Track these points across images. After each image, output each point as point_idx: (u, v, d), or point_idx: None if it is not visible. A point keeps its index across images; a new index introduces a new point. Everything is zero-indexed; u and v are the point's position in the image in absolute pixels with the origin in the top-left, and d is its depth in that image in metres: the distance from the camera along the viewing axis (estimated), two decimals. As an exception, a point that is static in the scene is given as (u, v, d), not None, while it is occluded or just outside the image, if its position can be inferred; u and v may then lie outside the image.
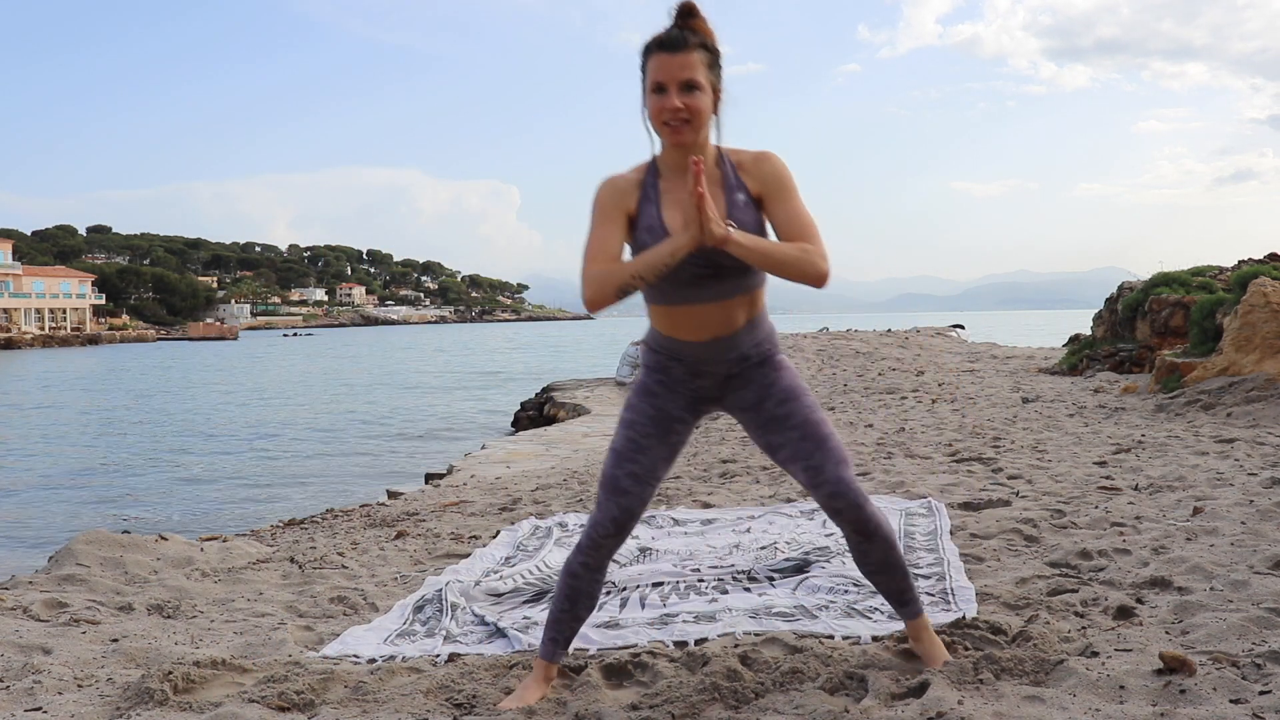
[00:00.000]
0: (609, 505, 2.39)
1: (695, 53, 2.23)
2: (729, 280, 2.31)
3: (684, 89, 2.22)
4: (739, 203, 2.30)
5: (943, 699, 2.30)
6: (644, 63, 2.28)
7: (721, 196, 2.29)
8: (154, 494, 11.38)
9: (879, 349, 17.99)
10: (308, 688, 2.56)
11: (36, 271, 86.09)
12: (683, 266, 2.23)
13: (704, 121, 2.27)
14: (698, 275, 2.28)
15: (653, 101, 2.25)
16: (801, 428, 2.38)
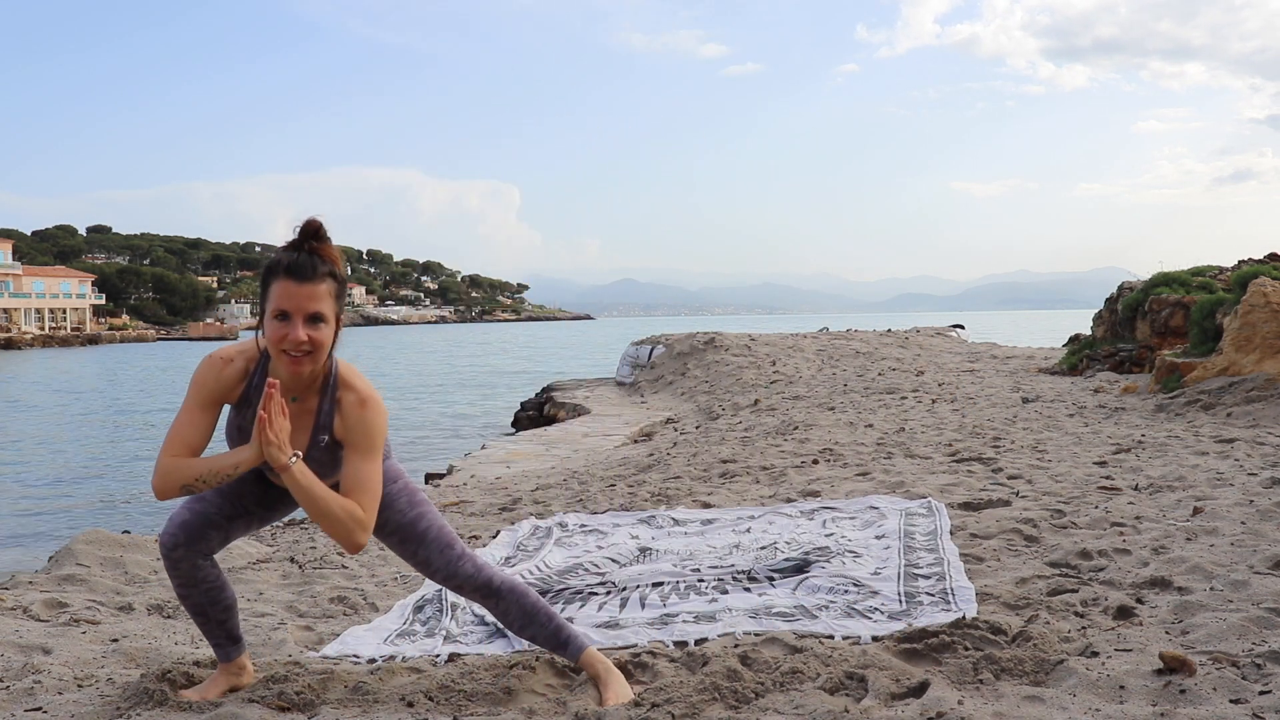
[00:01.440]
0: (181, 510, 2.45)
1: (324, 283, 2.22)
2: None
3: (309, 320, 2.20)
4: (320, 442, 2.33)
5: (943, 699, 2.30)
6: (266, 283, 2.24)
7: (307, 432, 2.33)
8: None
9: (879, 349, 17.98)
10: (308, 688, 2.56)
11: (36, 271, 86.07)
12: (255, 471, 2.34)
13: (324, 354, 2.26)
14: (270, 481, 2.43)
15: (274, 329, 2.21)
16: (399, 532, 2.50)
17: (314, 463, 2.32)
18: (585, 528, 4.81)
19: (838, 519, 4.63)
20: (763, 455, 7.12)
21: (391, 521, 2.48)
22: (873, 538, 4.16)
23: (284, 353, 2.21)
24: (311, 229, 2.24)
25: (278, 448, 2.18)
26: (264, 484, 2.48)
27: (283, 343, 2.20)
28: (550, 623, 2.57)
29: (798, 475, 6.14)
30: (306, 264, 2.20)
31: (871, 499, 5.00)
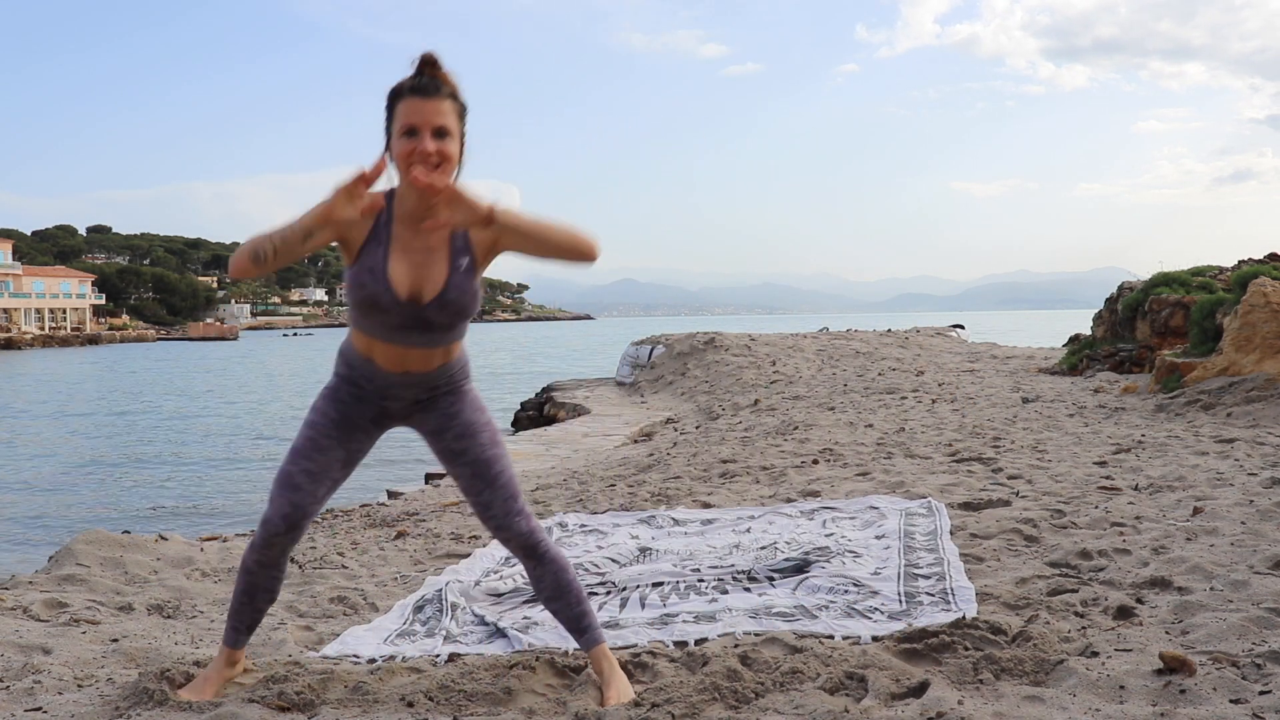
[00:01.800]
0: (281, 502, 2.41)
1: (446, 100, 2.25)
2: (435, 334, 2.35)
3: (436, 134, 2.22)
4: (460, 267, 2.31)
5: (943, 699, 2.30)
6: (391, 107, 2.27)
7: (445, 258, 2.30)
8: (154, 494, 11.38)
9: (879, 349, 17.98)
10: (308, 688, 2.56)
11: (36, 271, 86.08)
12: (393, 315, 2.28)
13: (453, 168, 2.27)
14: (406, 326, 2.32)
15: (403, 145, 2.22)
16: (474, 466, 2.47)
17: (456, 290, 2.29)
18: (585, 528, 4.81)
19: (838, 519, 4.63)
20: (763, 455, 7.12)
21: (470, 452, 2.47)
22: (873, 538, 4.16)
23: (414, 168, 2.21)
24: (429, 59, 2.28)
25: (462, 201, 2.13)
26: (349, 449, 2.46)
27: (411, 157, 2.20)
28: (578, 605, 2.54)
29: (798, 475, 6.14)
30: (429, 83, 2.24)
31: (871, 499, 5.00)
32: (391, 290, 2.27)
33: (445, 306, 2.31)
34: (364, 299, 2.30)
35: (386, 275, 2.27)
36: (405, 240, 2.29)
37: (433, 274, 2.29)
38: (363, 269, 2.28)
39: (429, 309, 2.29)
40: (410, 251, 2.29)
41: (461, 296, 2.32)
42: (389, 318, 2.30)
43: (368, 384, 2.43)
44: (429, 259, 2.30)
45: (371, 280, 2.27)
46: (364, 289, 2.28)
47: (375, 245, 2.29)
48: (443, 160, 2.22)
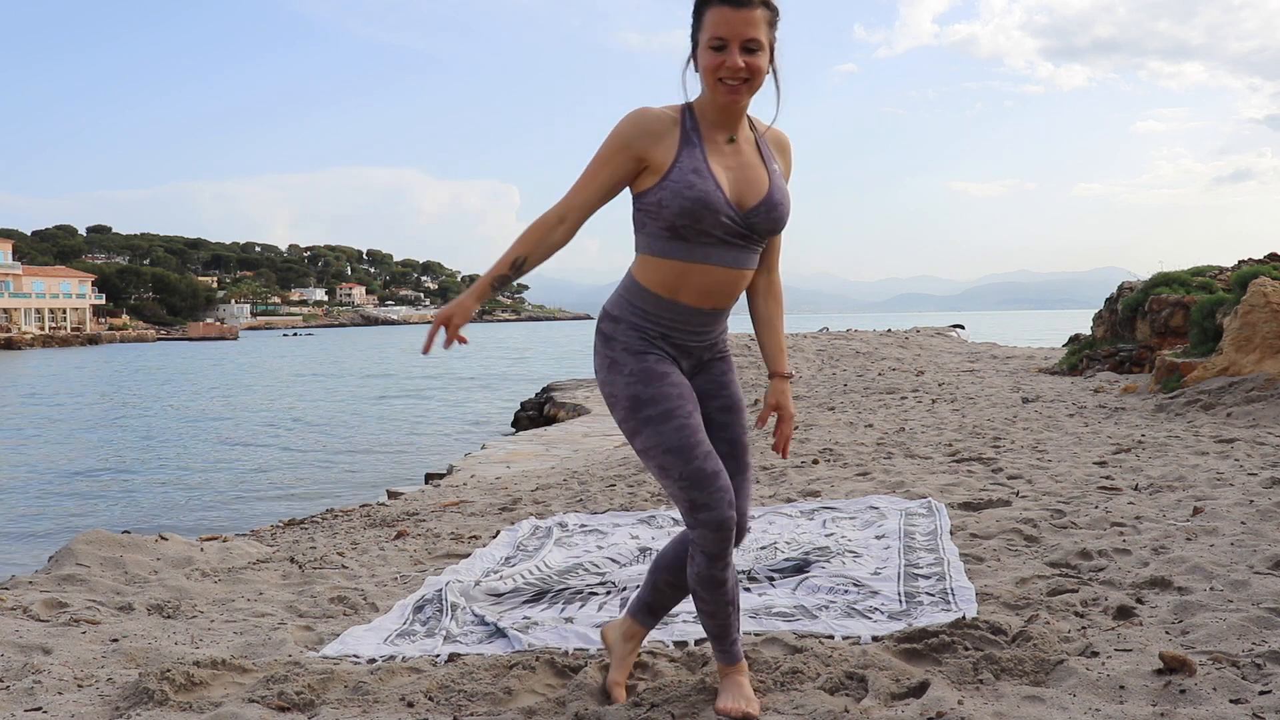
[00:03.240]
0: (717, 495, 2.18)
1: (759, 9, 2.13)
2: (753, 249, 2.27)
3: (746, 48, 2.12)
4: (775, 170, 2.27)
5: (943, 699, 2.30)
6: (699, 14, 2.17)
7: (761, 165, 2.25)
8: (154, 494, 11.38)
9: (879, 349, 17.98)
10: (308, 688, 2.56)
11: (36, 271, 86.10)
12: (721, 221, 2.17)
13: (761, 82, 2.17)
14: (730, 236, 2.21)
15: (710, 58, 2.13)
16: (732, 445, 2.36)
17: (779, 193, 2.23)
18: (585, 528, 4.81)
19: (838, 519, 4.63)
20: (762, 455, 7.12)
21: (733, 429, 2.37)
22: (873, 538, 4.16)
23: (720, 81, 2.13)
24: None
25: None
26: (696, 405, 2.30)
27: (719, 70, 2.12)
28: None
29: (798, 475, 6.14)
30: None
31: (871, 499, 5.00)
32: (722, 190, 2.17)
33: (772, 209, 2.22)
34: (691, 203, 2.14)
35: (711, 172, 2.17)
36: (717, 144, 2.22)
37: (752, 178, 2.22)
38: (684, 172, 2.15)
39: (756, 214, 2.21)
40: (722, 157, 2.21)
41: (784, 200, 2.25)
42: (717, 224, 2.17)
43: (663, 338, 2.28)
44: (742, 164, 2.23)
45: (699, 180, 2.15)
46: (691, 190, 2.14)
47: (690, 149, 2.19)
48: (752, 75, 2.13)
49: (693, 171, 2.15)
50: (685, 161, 2.17)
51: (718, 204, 2.16)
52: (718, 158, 2.20)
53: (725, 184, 2.18)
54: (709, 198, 2.15)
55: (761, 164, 2.25)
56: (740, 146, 2.24)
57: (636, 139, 2.17)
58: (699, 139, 2.20)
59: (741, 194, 2.20)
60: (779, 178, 2.26)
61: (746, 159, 2.24)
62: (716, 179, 2.17)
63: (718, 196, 2.16)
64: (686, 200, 2.14)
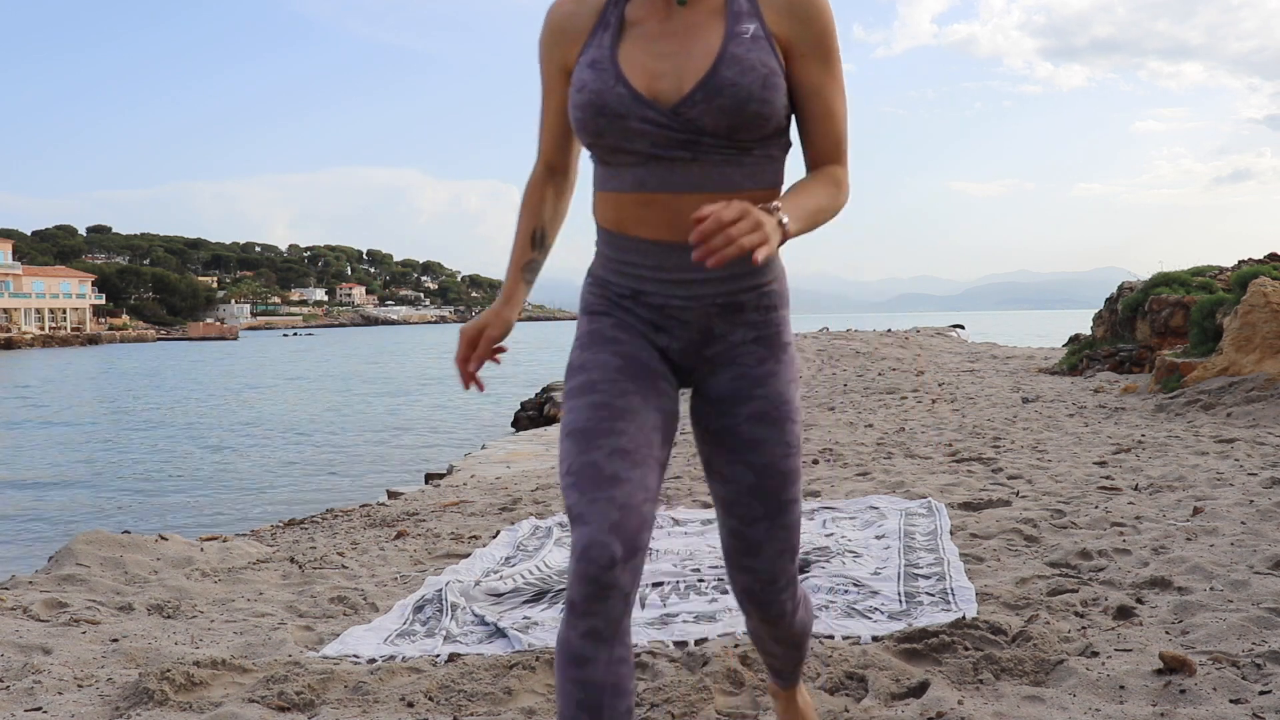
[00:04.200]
0: (597, 511, 1.42)
1: None
2: (709, 154, 1.52)
3: None
4: (743, 34, 1.51)
5: (943, 699, 2.30)
6: None
7: (718, 26, 1.52)
8: (154, 493, 11.38)
9: (879, 349, 17.98)
10: (308, 688, 2.56)
11: (36, 271, 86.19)
12: (630, 127, 1.51)
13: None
14: (655, 146, 1.52)
15: None
16: (761, 475, 1.60)
17: (734, 66, 1.48)
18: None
19: (838, 519, 4.63)
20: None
21: (767, 451, 1.61)
22: (872, 538, 4.16)
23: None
24: None
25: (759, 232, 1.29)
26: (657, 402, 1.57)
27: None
28: (801, 655, 1.90)
29: (798, 475, 6.13)
30: None
31: (871, 499, 5.00)
32: (625, 79, 1.51)
33: (715, 93, 1.47)
34: (580, 111, 1.53)
35: (614, 65, 1.52)
36: (646, 23, 1.55)
37: (693, 50, 1.51)
38: (580, 73, 1.55)
39: (690, 104, 1.48)
40: (654, 38, 1.54)
41: (741, 75, 1.47)
42: (630, 133, 1.51)
43: (635, 297, 1.61)
44: (684, 37, 1.53)
45: (593, 76, 1.52)
46: (581, 93, 1.53)
47: (600, 34, 1.57)
48: None
49: (588, 67, 1.54)
50: (585, 55, 1.56)
51: (616, 103, 1.50)
52: (641, 39, 1.54)
53: (637, 71, 1.51)
54: (601, 98, 1.50)
55: (721, 27, 1.52)
56: (693, 12, 1.54)
57: (553, 46, 1.62)
58: (617, 18, 1.57)
59: (670, 79, 1.50)
60: (741, 42, 1.50)
61: (693, 27, 1.53)
62: (620, 68, 1.51)
63: (616, 94, 1.50)
64: (576, 111, 1.55)
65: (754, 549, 1.63)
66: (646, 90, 1.50)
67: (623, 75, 1.51)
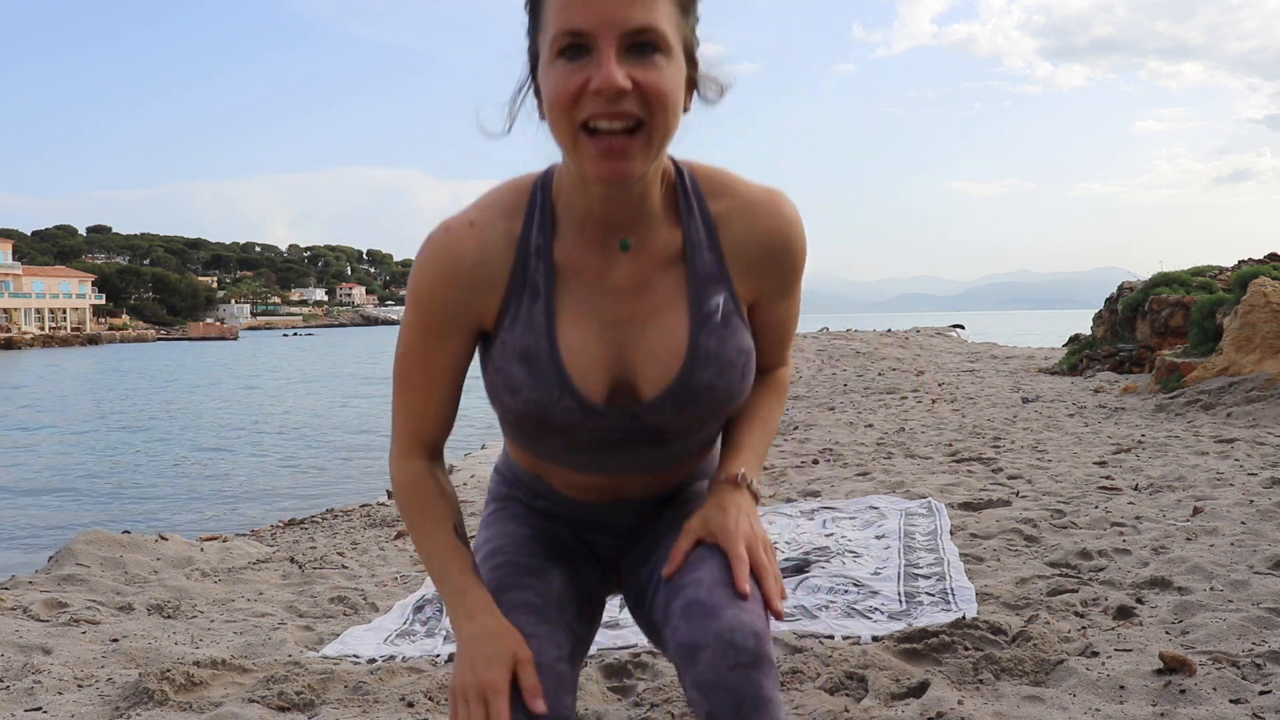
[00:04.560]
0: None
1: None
2: (673, 445, 1.31)
3: (633, 48, 1.09)
4: (713, 315, 1.23)
5: (943, 699, 2.30)
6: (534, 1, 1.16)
7: (682, 289, 1.24)
8: (153, 493, 11.39)
9: (879, 349, 17.98)
10: (308, 688, 2.56)
11: (36, 271, 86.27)
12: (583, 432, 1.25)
13: (670, 122, 1.12)
14: (613, 443, 1.28)
15: (560, 76, 1.09)
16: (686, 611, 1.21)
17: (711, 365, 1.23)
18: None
19: (837, 519, 4.63)
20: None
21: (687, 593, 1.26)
22: (872, 538, 4.16)
23: (584, 130, 1.09)
24: None
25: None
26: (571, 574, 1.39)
27: (578, 102, 1.08)
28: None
29: (797, 475, 6.14)
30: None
31: (871, 499, 5.00)
32: (573, 388, 1.21)
33: (688, 401, 1.24)
34: (517, 416, 1.25)
35: (558, 358, 1.21)
36: (586, 277, 1.23)
37: (653, 337, 1.23)
38: (506, 352, 1.23)
39: (657, 410, 1.24)
40: (598, 299, 1.23)
41: (722, 377, 1.24)
42: (570, 440, 1.27)
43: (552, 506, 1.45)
44: (643, 310, 1.24)
45: (527, 373, 1.21)
46: (515, 393, 1.23)
47: (524, 293, 1.22)
48: (649, 104, 1.09)
49: (519, 359, 1.21)
50: (511, 327, 1.22)
51: (563, 417, 1.23)
52: (583, 310, 1.22)
53: (587, 371, 1.22)
54: (544, 410, 1.22)
55: (682, 299, 1.23)
56: (641, 263, 1.23)
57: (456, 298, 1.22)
58: (546, 273, 1.21)
59: (630, 371, 1.23)
60: (712, 330, 1.23)
61: (650, 291, 1.23)
62: (564, 368, 1.21)
63: (563, 407, 1.22)
64: (507, 414, 1.26)
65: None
66: (601, 399, 1.22)
67: (569, 382, 1.20)
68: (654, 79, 1.09)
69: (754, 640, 1.14)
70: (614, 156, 1.09)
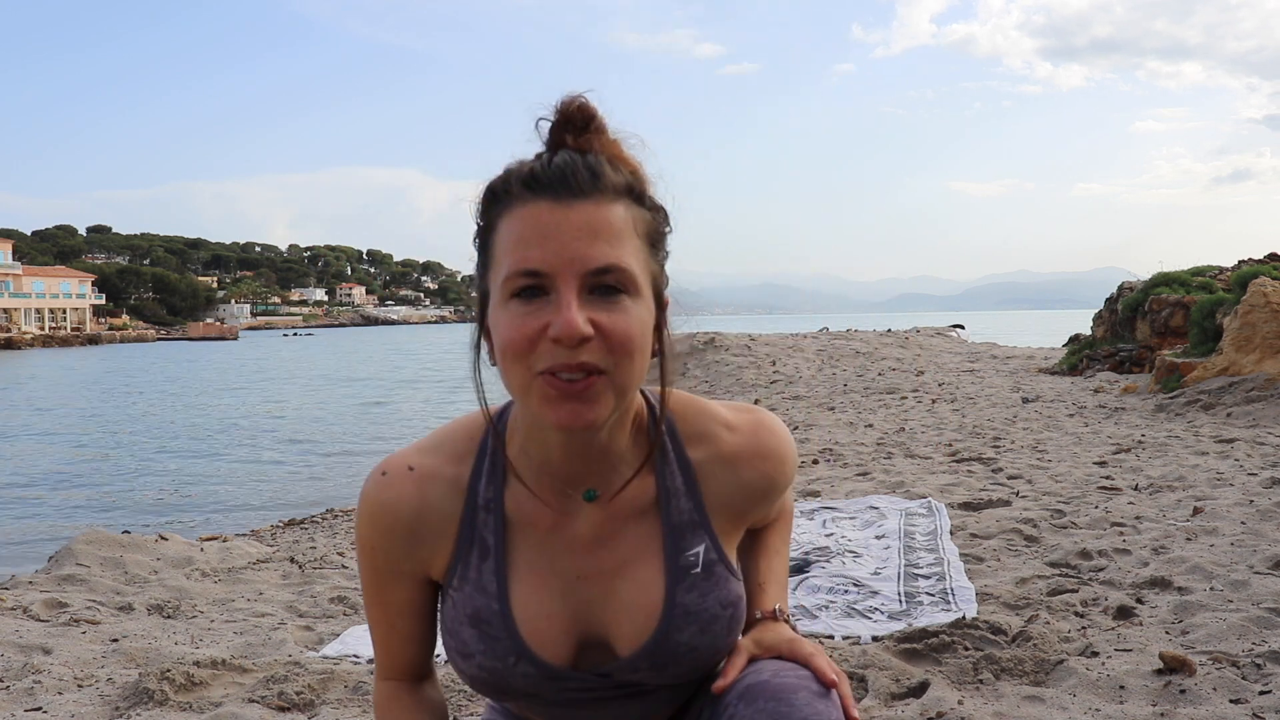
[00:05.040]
0: None
1: (617, 204, 1.01)
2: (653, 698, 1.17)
3: (598, 289, 0.99)
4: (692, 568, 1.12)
5: (943, 699, 2.30)
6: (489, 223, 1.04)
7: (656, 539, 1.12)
8: (154, 493, 11.39)
9: (879, 349, 17.98)
10: (308, 687, 2.56)
11: (37, 271, 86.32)
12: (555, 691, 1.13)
13: (635, 370, 1.01)
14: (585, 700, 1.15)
15: (512, 320, 0.99)
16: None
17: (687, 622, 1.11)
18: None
19: (837, 519, 4.63)
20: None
21: None
22: (872, 538, 4.16)
23: (541, 377, 0.98)
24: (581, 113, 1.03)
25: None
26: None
27: (535, 351, 0.98)
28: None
29: (797, 475, 6.14)
30: (576, 168, 1.00)
31: (871, 499, 5.00)
32: (530, 654, 1.11)
33: (672, 660, 1.12)
34: (474, 679, 1.14)
35: (511, 622, 1.10)
36: (541, 532, 1.12)
37: (624, 593, 1.12)
38: (456, 613, 1.13)
39: (633, 667, 1.12)
40: (557, 554, 1.12)
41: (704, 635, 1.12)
42: (540, 700, 1.15)
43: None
44: (610, 561, 1.12)
45: (479, 637, 1.11)
46: (469, 658, 1.12)
47: (472, 550, 1.12)
48: (613, 349, 0.98)
49: (469, 622, 1.11)
50: (460, 587, 1.12)
51: (521, 684, 1.12)
52: (540, 568, 1.12)
53: (545, 635, 1.11)
54: (499, 678, 1.12)
55: (656, 551, 1.12)
56: (607, 512, 1.12)
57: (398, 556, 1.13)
58: (497, 529, 1.12)
59: (600, 629, 1.12)
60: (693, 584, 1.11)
61: (617, 544, 1.12)
62: (519, 633, 1.10)
63: (521, 674, 1.11)
64: (464, 675, 1.15)
65: None
66: (564, 661, 1.11)
67: (525, 647, 1.09)
68: (619, 324, 0.98)
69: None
70: (574, 399, 0.97)
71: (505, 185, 1.02)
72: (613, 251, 0.98)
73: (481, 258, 1.05)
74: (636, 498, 1.12)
